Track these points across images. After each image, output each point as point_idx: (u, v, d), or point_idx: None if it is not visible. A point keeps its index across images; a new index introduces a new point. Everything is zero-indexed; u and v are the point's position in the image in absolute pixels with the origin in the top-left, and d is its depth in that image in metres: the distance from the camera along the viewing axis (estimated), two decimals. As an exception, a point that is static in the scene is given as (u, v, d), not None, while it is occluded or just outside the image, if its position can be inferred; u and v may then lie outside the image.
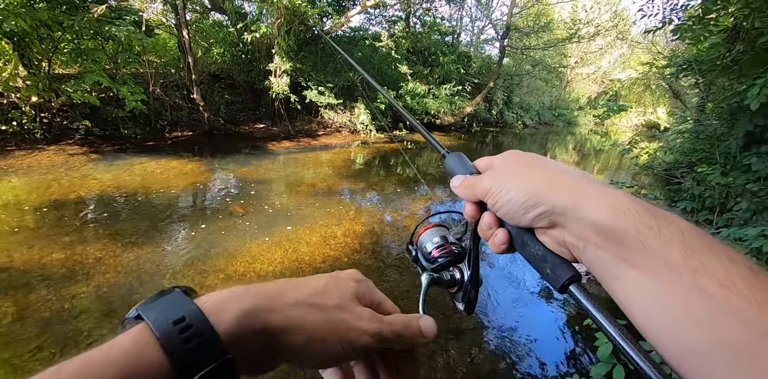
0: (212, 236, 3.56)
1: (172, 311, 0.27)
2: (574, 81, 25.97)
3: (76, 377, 0.22)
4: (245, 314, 0.28)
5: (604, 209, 0.30)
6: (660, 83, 13.76)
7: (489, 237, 0.39)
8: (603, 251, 0.30)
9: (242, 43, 9.06)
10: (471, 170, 0.44)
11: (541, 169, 0.37)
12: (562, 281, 0.33)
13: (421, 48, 13.31)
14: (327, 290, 0.34)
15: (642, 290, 0.27)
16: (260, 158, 6.70)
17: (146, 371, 0.24)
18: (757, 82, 3.12)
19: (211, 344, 0.26)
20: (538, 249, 0.35)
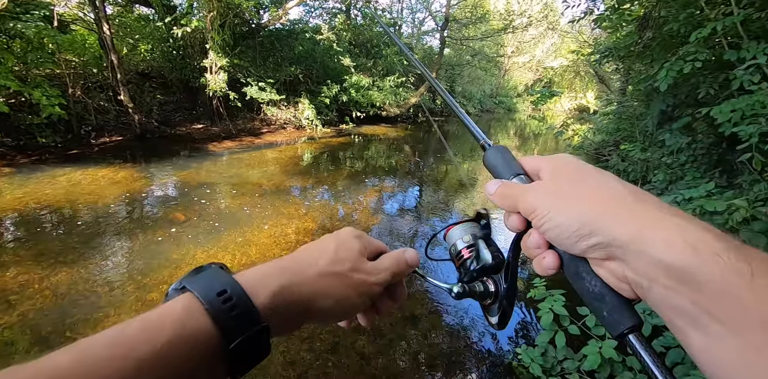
0: (152, 246, 3.36)
1: (214, 283, 0.31)
2: (512, 70, 27.16)
3: (138, 335, 0.26)
4: (279, 289, 0.33)
5: (677, 245, 0.25)
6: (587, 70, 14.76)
7: (535, 257, 0.35)
8: (675, 295, 0.25)
9: (172, 39, 8.49)
10: (515, 171, 0.38)
11: (600, 189, 0.32)
12: (621, 329, 0.29)
13: (363, 40, 13.21)
14: (340, 256, 0.39)
15: (726, 349, 0.23)
16: (200, 161, 6.37)
17: (196, 333, 0.28)
18: (665, 66, 3.42)
19: (250, 314, 0.30)
20: (595, 284, 0.30)
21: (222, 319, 0.29)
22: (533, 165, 0.38)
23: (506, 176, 0.39)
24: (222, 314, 0.29)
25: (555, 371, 1.86)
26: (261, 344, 0.31)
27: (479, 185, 6.38)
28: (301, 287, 0.35)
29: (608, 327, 0.30)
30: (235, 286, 0.31)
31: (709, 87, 3.30)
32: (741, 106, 2.39)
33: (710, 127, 3.32)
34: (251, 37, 9.60)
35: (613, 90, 10.12)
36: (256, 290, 0.32)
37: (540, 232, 0.33)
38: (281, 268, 0.36)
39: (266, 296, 0.32)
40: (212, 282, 0.31)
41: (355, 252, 0.40)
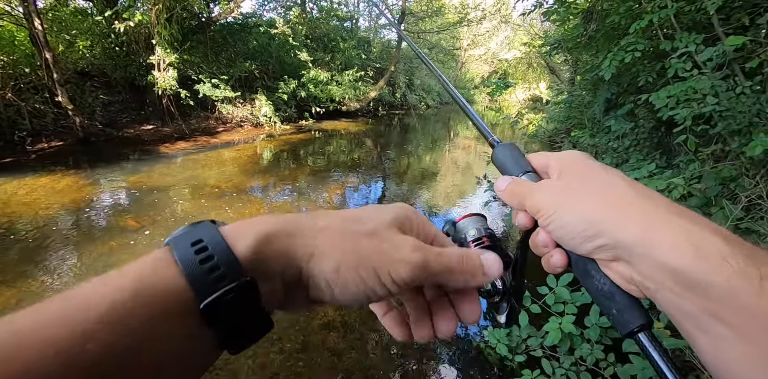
0: (104, 257, 3.15)
1: (192, 234, 0.26)
2: (468, 62, 27.70)
3: (91, 293, 0.22)
4: (265, 236, 0.26)
5: (682, 248, 0.25)
6: (539, 61, 15.32)
7: (543, 255, 0.34)
8: (681, 300, 0.25)
9: (114, 34, 7.92)
10: (524, 168, 0.38)
11: (607, 189, 0.31)
12: (630, 327, 0.29)
13: (320, 34, 12.97)
14: (363, 217, 0.30)
15: (735, 354, 0.23)
16: (152, 163, 6.03)
17: (159, 286, 0.23)
18: (608, 56, 3.59)
19: (227, 265, 0.24)
20: (604, 283, 0.30)
21: (193, 272, 0.24)
22: (542, 162, 0.37)
23: (515, 173, 0.38)
24: (193, 267, 0.24)
25: (520, 349, 1.94)
26: (247, 306, 0.25)
27: (442, 177, 6.49)
28: (294, 239, 0.27)
29: (618, 326, 0.30)
30: (215, 234, 0.26)
31: (648, 75, 3.51)
32: (676, 92, 2.55)
33: (650, 112, 3.54)
34: (201, 31, 9.16)
35: (563, 80, 10.58)
36: (239, 237, 0.26)
37: (546, 231, 0.33)
38: (283, 217, 0.29)
39: (248, 244, 0.25)
40: (192, 234, 0.26)
41: (384, 218, 0.30)
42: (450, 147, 9.96)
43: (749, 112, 2.24)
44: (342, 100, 12.18)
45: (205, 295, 0.23)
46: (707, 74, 2.51)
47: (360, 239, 0.28)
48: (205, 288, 0.24)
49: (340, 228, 0.28)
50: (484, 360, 2.24)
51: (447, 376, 2.17)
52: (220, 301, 0.24)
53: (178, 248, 0.25)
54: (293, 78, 10.64)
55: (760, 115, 2.23)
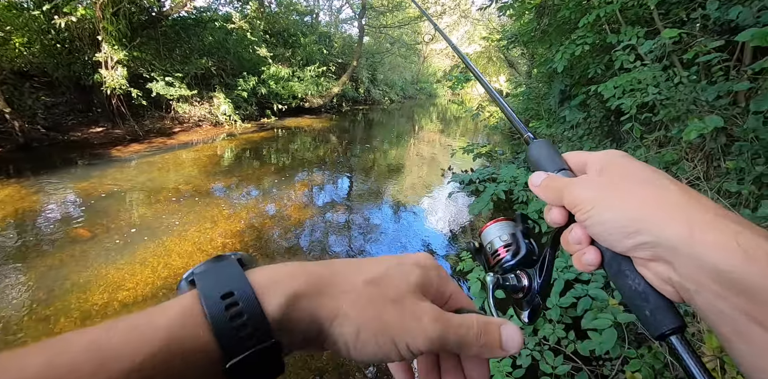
0: (53, 271, 2.95)
1: (221, 282, 0.25)
2: (430, 56, 27.97)
3: (122, 344, 0.22)
4: (294, 296, 0.26)
5: (730, 249, 0.24)
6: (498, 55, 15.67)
7: (575, 252, 0.33)
8: (723, 302, 0.24)
9: (55, 30, 7.34)
10: (560, 166, 0.38)
11: (651, 187, 0.30)
12: (663, 329, 0.28)
13: (279, 29, 12.65)
14: (386, 279, 0.29)
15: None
16: (104, 168, 5.68)
17: (188, 344, 0.23)
18: (560, 49, 3.74)
19: (257, 325, 0.24)
20: (638, 283, 0.30)
21: (222, 330, 0.24)
22: (578, 160, 0.37)
23: (550, 170, 0.38)
24: (222, 324, 0.24)
25: (487, 334, 2.00)
26: (269, 362, 0.25)
27: (408, 171, 6.54)
28: (322, 300, 0.27)
29: (649, 327, 0.29)
30: (245, 288, 0.25)
31: (597, 67, 3.68)
32: (622, 82, 2.69)
33: (600, 102, 3.71)
34: (152, 26, 8.67)
35: (522, 73, 10.89)
36: (269, 293, 0.26)
37: (583, 226, 0.32)
38: (307, 271, 0.28)
39: (279, 304, 0.25)
40: (220, 279, 0.26)
41: (409, 283, 0.30)
42: (415, 141, 10.05)
43: (686, 100, 2.40)
44: (304, 96, 11.98)
45: (232, 353, 0.24)
46: (649, 65, 2.66)
47: (383, 307, 0.28)
48: (232, 346, 0.24)
49: (363, 292, 0.28)
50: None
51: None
52: (245, 361, 0.24)
53: (208, 301, 0.24)
54: (253, 75, 10.34)
55: (696, 103, 2.39)
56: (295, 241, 3.65)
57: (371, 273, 0.30)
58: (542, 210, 0.39)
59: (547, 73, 5.68)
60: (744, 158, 2.10)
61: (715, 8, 2.30)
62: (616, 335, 1.58)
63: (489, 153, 5.53)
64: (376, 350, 0.27)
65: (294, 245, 3.56)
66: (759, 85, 2.20)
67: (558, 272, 2.00)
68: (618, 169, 0.33)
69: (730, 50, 2.53)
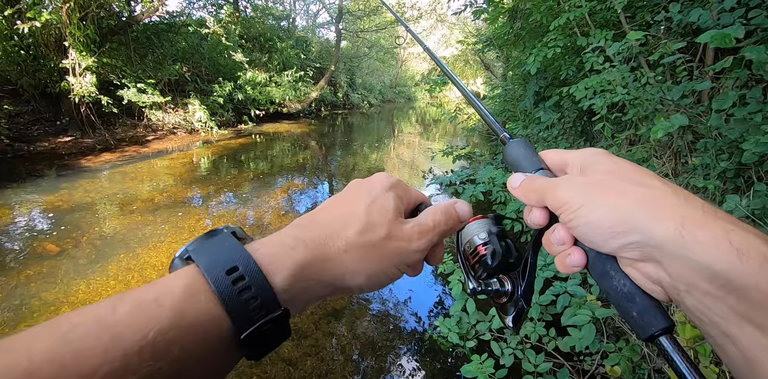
0: (19, 289, 2.80)
1: (224, 257, 0.26)
2: (408, 60, 28.22)
3: (131, 321, 0.22)
4: (301, 268, 0.28)
5: (721, 248, 0.23)
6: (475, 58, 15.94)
7: (558, 254, 0.33)
8: (715, 302, 0.24)
9: (18, 36, 7.03)
10: (537, 165, 0.37)
11: (638, 185, 0.29)
12: (652, 330, 0.27)
13: (255, 34, 12.52)
14: (372, 220, 0.32)
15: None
16: (73, 179, 5.45)
17: (199, 319, 0.24)
18: (533, 52, 3.82)
19: (265, 297, 0.26)
20: (624, 284, 0.29)
21: (232, 304, 0.25)
22: (557, 159, 0.36)
23: (528, 171, 0.37)
24: (232, 299, 0.25)
25: (470, 334, 2.01)
26: (278, 329, 0.27)
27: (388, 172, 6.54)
28: (326, 264, 0.30)
29: (638, 329, 0.28)
30: (249, 262, 0.26)
31: (569, 69, 3.78)
32: (592, 84, 2.77)
33: (573, 103, 3.81)
34: (122, 32, 8.43)
35: (498, 76, 11.09)
36: (273, 267, 0.27)
37: (568, 227, 0.31)
38: (304, 241, 0.30)
39: (285, 276, 0.27)
40: (221, 254, 0.26)
41: (390, 212, 0.33)
42: (395, 144, 10.08)
43: (653, 100, 2.48)
44: (282, 101, 11.87)
45: (244, 325, 0.25)
46: (617, 67, 2.74)
47: (379, 248, 0.32)
48: (243, 319, 0.25)
49: (360, 244, 0.31)
50: (437, 350, 2.30)
51: (404, 369, 2.20)
52: (257, 331, 0.25)
53: (214, 277, 0.25)
54: (229, 80, 10.18)
55: (663, 102, 2.48)
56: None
57: (358, 222, 0.32)
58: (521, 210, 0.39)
59: (522, 76, 5.80)
60: (709, 155, 2.18)
61: (677, 11, 2.39)
62: (594, 330, 1.61)
63: (468, 155, 5.60)
64: (386, 280, 0.33)
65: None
66: (720, 84, 2.30)
67: (537, 270, 2.03)
68: (601, 168, 0.32)
69: (693, 52, 2.64)
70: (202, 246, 0.28)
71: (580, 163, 0.34)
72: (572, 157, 0.35)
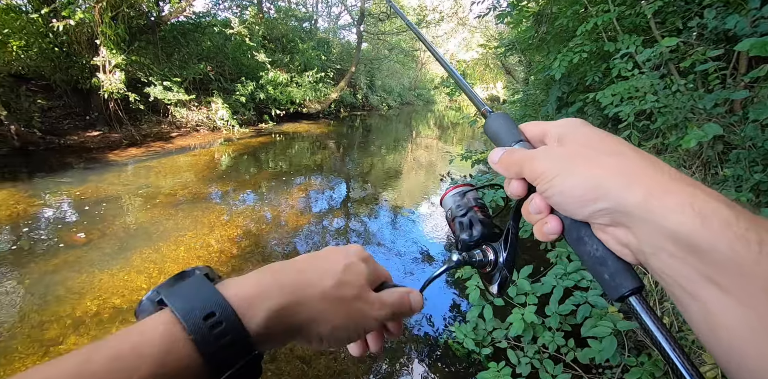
0: (48, 276, 2.91)
1: (200, 302, 0.26)
2: (428, 63, 28.13)
3: (106, 372, 0.22)
4: (276, 312, 0.29)
5: (685, 212, 0.24)
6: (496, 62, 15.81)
7: (536, 222, 0.34)
8: (680, 263, 0.25)
9: (53, 34, 7.34)
10: (517, 137, 0.38)
11: (610, 154, 0.30)
12: (622, 291, 0.29)
13: (278, 35, 12.72)
14: (347, 279, 0.35)
15: (730, 318, 0.23)
16: (101, 172, 5.64)
17: (178, 368, 0.24)
18: (558, 57, 3.76)
19: (241, 342, 0.26)
20: (597, 249, 0.30)
21: (210, 351, 0.25)
22: (536, 131, 0.37)
23: (508, 143, 0.38)
24: (210, 345, 0.25)
25: (486, 341, 1.98)
26: (251, 371, 0.28)
27: (405, 176, 6.54)
28: (300, 308, 0.31)
29: (609, 290, 0.30)
30: (226, 307, 0.27)
31: (595, 75, 3.70)
32: (619, 90, 2.71)
33: (598, 110, 3.74)
34: (151, 31, 8.70)
35: (519, 80, 10.98)
36: (249, 312, 0.28)
37: (544, 197, 0.32)
38: (280, 285, 0.31)
39: (261, 320, 0.28)
40: (197, 299, 0.27)
41: (362, 278, 0.36)
42: (413, 147, 10.07)
43: (684, 108, 2.41)
44: (302, 102, 12.00)
45: (219, 370, 0.26)
46: (646, 74, 2.68)
47: (348, 304, 0.34)
48: (219, 364, 0.25)
49: (333, 297, 0.33)
50: (452, 355, 2.28)
51: (418, 374, 2.19)
52: (233, 375, 0.26)
53: (191, 324, 0.25)
54: (251, 80, 10.36)
55: (694, 111, 2.41)
56: (292, 247, 3.62)
57: (335, 278, 0.34)
58: None
59: (545, 80, 5.72)
60: (742, 166, 2.11)
61: (712, 17, 2.33)
62: (615, 342, 1.57)
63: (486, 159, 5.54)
64: (345, 338, 0.35)
65: (291, 251, 3.53)
66: (756, 93, 2.22)
67: (557, 279, 1.99)
68: (578, 139, 0.33)
69: (726, 59, 2.56)
70: (176, 290, 0.28)
71: (558, 133, 0.34)
72: (550, 128, 0.35)
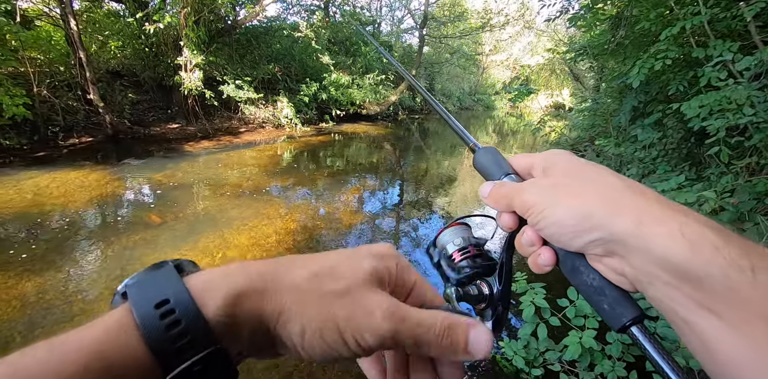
0: (127, 251, 3.25)
1: (156, 290, 0.23)
2: (490, 67, 27.51)
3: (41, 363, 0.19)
4: (236, 296, 0.24)
5: (676, 240, 0.24)
6: (563, 68, 15.09)
7: (529, 254, 0.34)
8: (674, 291, 0.25)
9: (144, 36, 8.22)
10: (506, 171, 0.38)
11: (596, 183, 0.30)
12: (623, 321, 0.28)
13: (342, 38, 13.14)
14: (333, 271, 0.27)
15: (727, 345, 0.23)
16: (177, 161, 6.19)
17: (120, 359, 0.21)
18: (637, 63, 3.50)
19: (197, 332, 0.22)
20: (593, 278, 0.30)
21: (157, 342, 0.21)
22: (523, 163, 0.37)
23: (497, 176, 0.38)
24: (158, 335, 0.21)
25: (537, 362, 1.89)
26: (217, 372, 0.23)
27: (460, 182, 6.44)
28: (264, 297, 0.25)
29: (610, 320, 0.29)
30: (182, 293, 0.23)
31: (679, 84, 3.40)
32: (709, 101, 2.47)
33: (680, 122, 3.43)
34: (227, 34, 9.39)
35: (588, 87, 10.38)
36: (207, 295, 0.24)
37: (536, 229, 0.32)
38: (246, 268, 0.26)
39: (218, 305, 0.23)
40: (154, 287, 0.23)
41: (360, 273, 0.28)
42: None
43: (788, 124, 2.15)
44: (362, 103, 12.26)
45: (171, 366, 0.21)
46: (743, 84, 2.41)
47: (328, 301, 0.26)
48: (169, 358, 0.21)
49: (309, 287, 0.26)
50: (498, 371, 2.20)
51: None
52: (187, 372, 0.22)
53: (140, 312, 0.22)
54: (315, 81, 10.77)
55: (800, 128, 2.14)
56: (343, 244, 3.72)
57: (317, 266, 0.28)
58: None
59: (619, 88, 5.36)
60: None
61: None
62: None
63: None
64: (325, 348, 0.25)
65: (342, 248, 3.63)
66: None
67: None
68: (560, 170, 0.33)
69: None
70: (139, 280, 0.25)
71: (542, 165, 0.35)
72: (536, 160, 0.35)
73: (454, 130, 0.49)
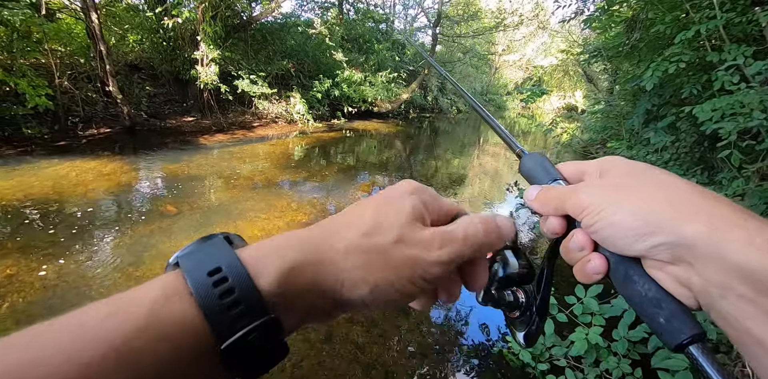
0: (144, 239, 3.35)
1: (208, 259, 0.24)
2: (502, 67, 27.33)
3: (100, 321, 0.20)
4: (290, 269, 0.24)
5: (757, 246, 0.22)
6: (576, 69, 14.97)
7: (577, 261, 0.31)
8: (751, 306, 0.22)
9: (163, 30, 8.37)
10: (554, 176, 0.36)
11: (661, 185, 0.28)
12: (681, 337, 0.25)
13: (355, 35, 13.18)
14: (380, 222, 0.28)
15: None
16: (191, 154, 6.32)
17: (173, 321, 0.21)
18: (651, 66, 3.49)
19: (250, 301, 0.22)
20: (649, 289, 0.27)
21: (212, 308, 0.22)
22: (573, 170, 0.35)
23: (544, 181, 0.36)
24: (212, 302, 0.22)
25: (544, 357, 1.93)
26: (269, 340, 0.23)
27: (469, 182, 6.47)
28: (322, 267, 0.25)
29: (665, 336, 0.26)
30: (234, 263, 0.23)
31: (693, 87, 3.40)
32: (722, 105, 2.47)
33: (693, 126, 3.43)
34: (243, 29, 9.51)
35: (601, 89, 10.30)
36: (260, 268, 0.24)
37: (590, 232, 0.29)
38: (299, 239, 0.27)
39: (273, 278, 0.23)
40: (207, 257, 0.24)
41: (403, 216, 0.28)
42: (479, 153, 9.88)
43: (801, 130, 2.15)
44: (374, 100, 12.31)
45: (225, 334, 0.22)
46: (756, 88, 2.42)
47: (386, 254, 0.26)
48: (224, 326, 0.22)
49: (363, 248, 0.26)
50: (505, 365, 2.24)
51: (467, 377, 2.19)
52: (241, 341, 0.22)
53: (194, 278, 0.22)
54: (328, 77, 10.84)
55: (813, 133, 2.14)
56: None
57: (364, 223, 0.28)
58: None
59: (632, 91, 5.34)
60: None
61: None
62: (691, 378, 1.44)
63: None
64: (396, 296, 0.26)
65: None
66: None
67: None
68: (622, 171, 0.31)
69: None
70: (191, 251, 0.25)
71: (598, 170, 0.33)
72: (589, 166, 0.34)
73: (500, 136, 0.47)
